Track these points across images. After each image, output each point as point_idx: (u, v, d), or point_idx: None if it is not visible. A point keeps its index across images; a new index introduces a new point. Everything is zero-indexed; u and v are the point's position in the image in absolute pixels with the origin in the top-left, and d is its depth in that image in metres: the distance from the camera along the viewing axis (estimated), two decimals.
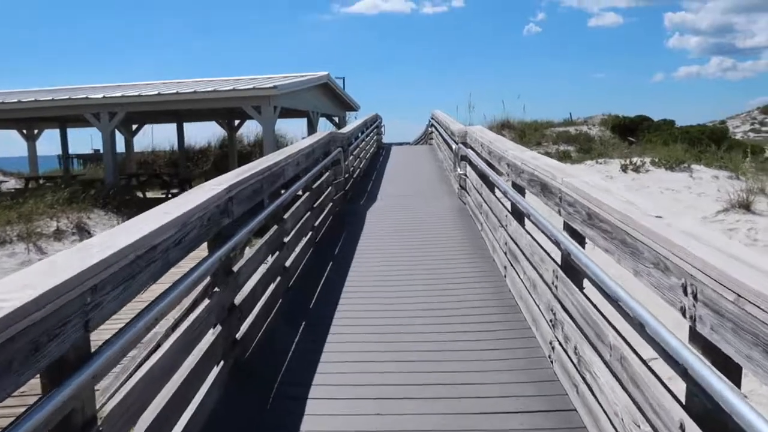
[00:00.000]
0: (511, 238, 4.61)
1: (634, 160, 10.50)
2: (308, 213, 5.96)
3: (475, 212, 6.89)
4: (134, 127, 18.66)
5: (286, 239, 4.91)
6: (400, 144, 37.94)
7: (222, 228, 3.07)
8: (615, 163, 10.99)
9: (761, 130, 55.77)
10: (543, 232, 3.44)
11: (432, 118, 18.34)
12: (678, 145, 16.78)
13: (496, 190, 5.71)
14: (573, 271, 2.90)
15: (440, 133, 14.42)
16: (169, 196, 17.84)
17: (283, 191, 4.86)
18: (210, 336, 2.86)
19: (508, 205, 4.88)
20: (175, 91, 12.09)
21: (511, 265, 4.62)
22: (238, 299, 3.40)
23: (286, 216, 4.93)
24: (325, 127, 22.76)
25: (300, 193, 5.69)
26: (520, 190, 4.52)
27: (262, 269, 4.07)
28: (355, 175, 10.88)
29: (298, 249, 5.31)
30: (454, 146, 9.07)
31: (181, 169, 18.31)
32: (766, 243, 6.39)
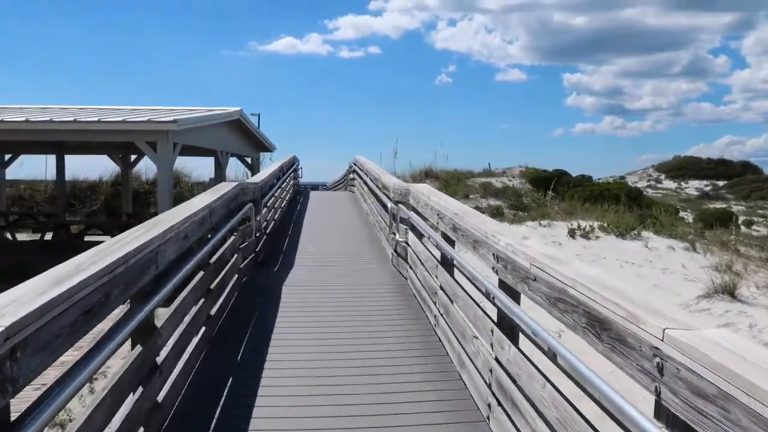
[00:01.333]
0: (502, 367, 3.15)
1: (582, 224, 9.52)
2: (201, 302, 4.23)
3: (424, 296, 5.40)
4: (6, 157, 15.90)
5: (160, 357, 3.18)
6: (318, 186, 36.46)
7: None
8: (560, 227, 9.99)
9: (657, 187, 59.33)
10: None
11: (355, 164, 16.98)
12: (616, 206, 16.37)
13: (461, 276, 4.28)
14: None
15: (365, 182, 13.02)
16: (44, 239, 15.20)
17: (185, 266, 3.13)
18: None
19: (493, 312, 3.43)
20: (48, 119, 9.92)
21: (501, 406, 3.14)
22: None
23: (161, 324, 3.20)
24: (236, 169, 20.85)
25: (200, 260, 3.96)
26: (511, 293, 3.12)
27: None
28: (268, 230, 9.17)
29: (178, 368, 3.56)
30: (388, 204, 7.64)
31: (59, 208, 15.69)
32: None
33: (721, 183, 61.27)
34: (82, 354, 2.22)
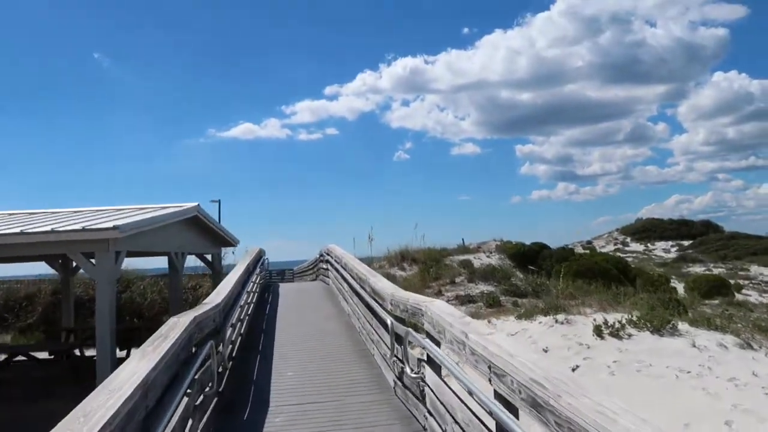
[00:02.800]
0: None
1: (610, 320, 8.07)
2: None
3: None
4: None
5: None
6: (284, 272, 34.44)
7: None
8: (581, 322, 8.51)
9: (625, 250, 59.30)
10: None
11: (328, 255, 15.40)
12: (610, 284, 15.14)
13: None
14: None
15: (344, 277, 11.43)
16: None
17: None
18: None
19: None
20: None
21: None
22: None
23: None
24: (194, 264, 18.86)
25: None
26: None
27: None
28: (234, 353, 7.43)
29: None
30: (387, 319, 6.05)
31: None
32: None
33: (686, 243, 61.77)
34: None
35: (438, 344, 4.58)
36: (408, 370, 5.14)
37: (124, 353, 10.87)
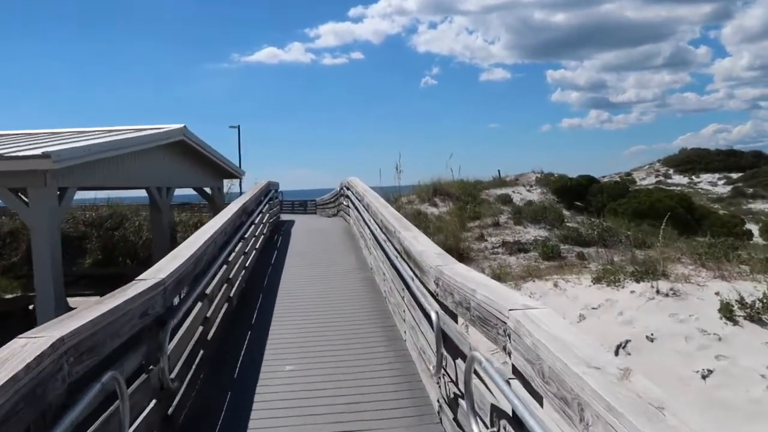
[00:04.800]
0: None
1: (741, 291, 5.62)
2: None
3: None
4: None
5: None
6: (306, 203, 32.33)
7: None
8: (694, 295, 6.07)
9: (668, 183, 55.71)
10: None
11: (348, 191, 13.04)
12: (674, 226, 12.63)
13: None
14: None
15: (365, 221, 9.08)
16: None
17: None
18: None
19: None
20: None
21: None
22: None
23: None
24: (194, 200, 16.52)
25: None
26: None
27: None
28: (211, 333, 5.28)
29: None
30: (433, 314, 3.71)
31: None
32: None
33: (734, 175, 57.70)
34: None
35: (540, 400, 2.27)
36: (476, 429, 2.82)
37: None
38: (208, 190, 13.03)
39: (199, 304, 4.92)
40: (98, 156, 6.75)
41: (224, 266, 6.26)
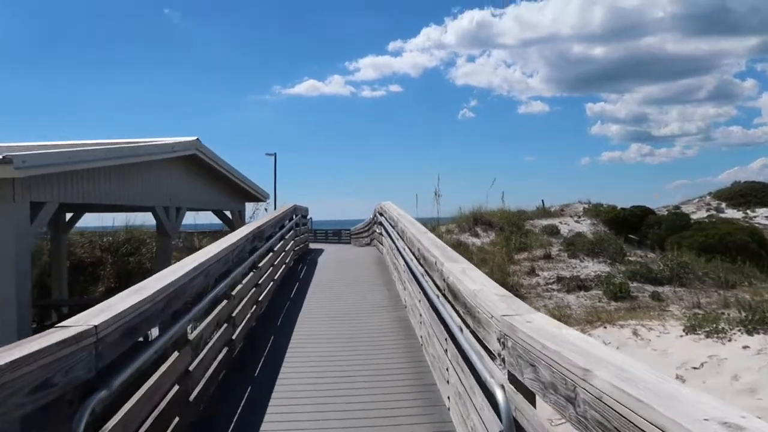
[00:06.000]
0: None
1: None
2: None
3: None
4: None
5: None
6: (341, 231, 31.25)
7: None
8: None
9: (720, 216, 52.77)
10: None
11: (382, 217, 11.80)
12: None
13: None
14: None
15: (399, 250, 7.78)
16: None
17: None
18: None
19: None
20: None
21: None
22: None
23: None
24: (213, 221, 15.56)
25: None
26: None
27: None
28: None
29: None
30: (499, 394, 2.39)
31: None
32: None
33: None
34: None
35: None
36: None
37: None
38: (228, 213, 11.98)
39: (176, 354, 3.70)
40: (82, 166, 5.70)
41: (224, 301, 5.07)
